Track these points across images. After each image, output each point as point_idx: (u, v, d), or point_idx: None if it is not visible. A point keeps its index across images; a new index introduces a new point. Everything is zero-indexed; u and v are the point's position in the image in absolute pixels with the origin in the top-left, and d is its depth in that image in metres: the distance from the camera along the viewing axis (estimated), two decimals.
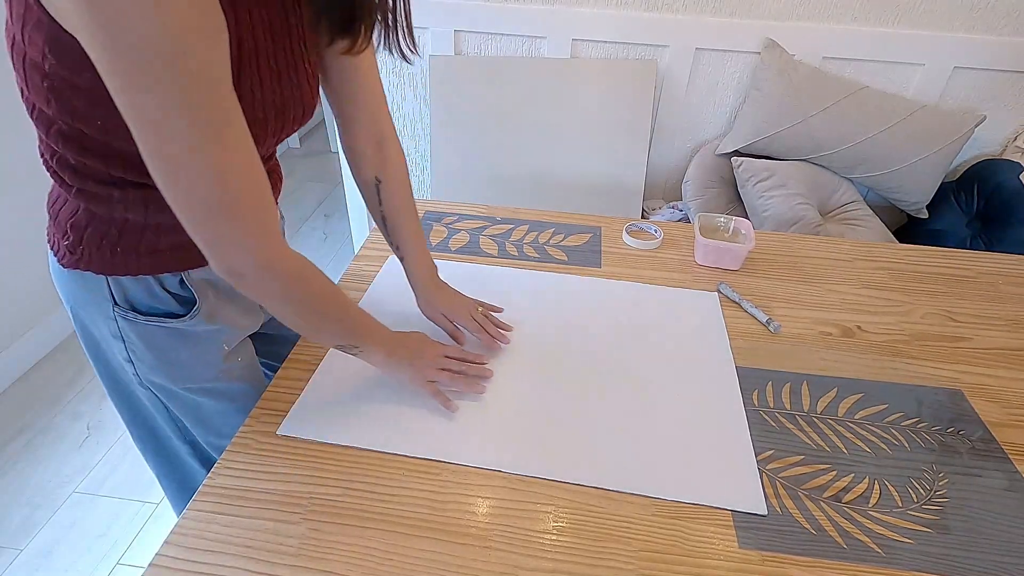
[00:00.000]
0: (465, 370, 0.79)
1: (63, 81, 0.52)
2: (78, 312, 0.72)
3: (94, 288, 0.67)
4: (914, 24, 1.59)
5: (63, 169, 0.61)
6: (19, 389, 1.84)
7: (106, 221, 0.63)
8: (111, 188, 0.61)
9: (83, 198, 0.62)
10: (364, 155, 0.81)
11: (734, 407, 0.79)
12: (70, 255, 0.65)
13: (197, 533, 0.63)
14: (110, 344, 0.72)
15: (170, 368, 0.74)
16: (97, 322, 0.71)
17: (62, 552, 1.40)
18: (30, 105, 0.57)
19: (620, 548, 0.62)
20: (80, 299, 0.70)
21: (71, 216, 0.64)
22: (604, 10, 1.66)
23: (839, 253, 1.16)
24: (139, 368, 0.73)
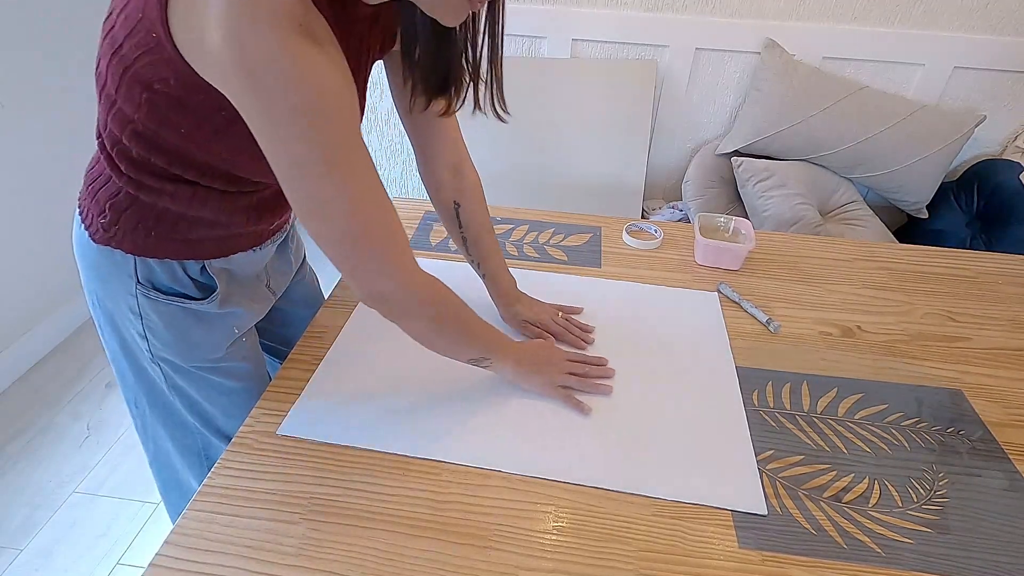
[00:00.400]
0: (589, 372, 0.81)
1: (169, 98, 0.56)
2: (97, 285, 0.75)
3: (120, 265, 0.71)
4: (914, 24, 1.59)
5: (122, 159, 0.64)
6: (19, 389, 1.84)
7: (146, 207, 0.67)
8: (164, 182, 0.65)
9: (132, 185, 0.65)
10: (442, 182, 0.86)
11: (734, 407, 0.79)
12: (104, 232, 0.69)
13: (197, 533, 0.62)
14: (126, 319, 0.75)
15: (182, 346, 0.77)
16: (117, 297, 0.74)
17: (62, 552, 1.40)
18: (111, 103, 0.60)
19: (620, 548, 0.62)
20: (104, 274, 0.73)
21: (112, 196, 0.67)
22: (604, 10, 1.66)
23: (839, 253, 1.16)
24: (152, 344, 0.76)
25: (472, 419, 0.76)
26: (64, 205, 1.91)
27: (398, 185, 2.08)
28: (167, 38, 0.51)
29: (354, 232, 0.57)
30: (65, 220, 2.10)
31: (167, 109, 0.57)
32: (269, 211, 0.76)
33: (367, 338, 0.89)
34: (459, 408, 0.78)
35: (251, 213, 0.73)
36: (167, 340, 0.76)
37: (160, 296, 0.72)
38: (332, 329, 0.91)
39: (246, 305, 0.81)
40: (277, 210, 0.78)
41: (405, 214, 1.23)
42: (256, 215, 0.74)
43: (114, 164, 0.64)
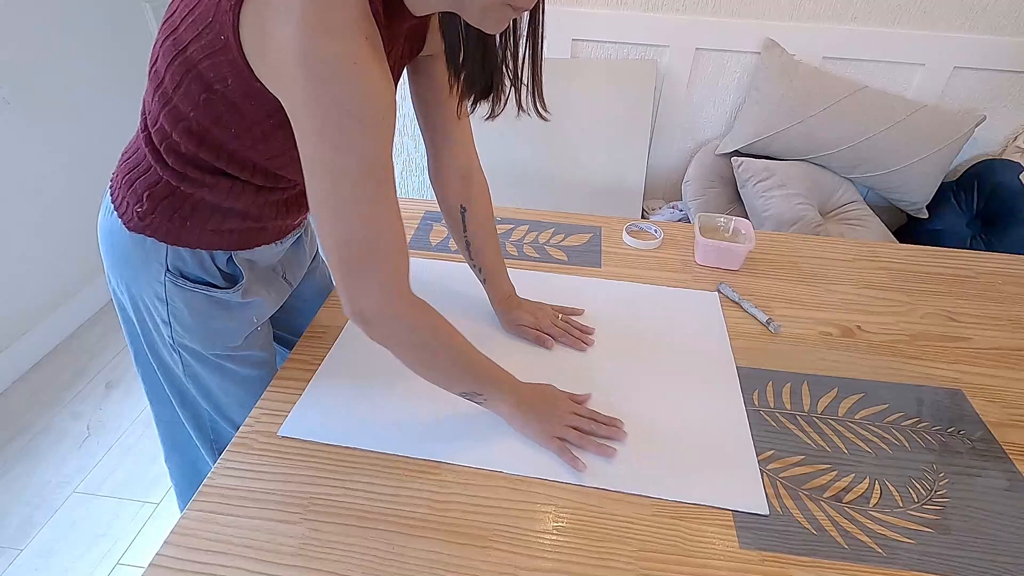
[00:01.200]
0: (595, 430, 0.74)
1: (225, 99, 0.59)
2: (125, 271, 0.76)
3: (152, 253, 0.72)
4: (914, 24, 1.59)
5: (168, 152, 0.66)
6: (19, 389, 1.83)
7: (184, 197, 0.69)
8: (206, 175, 0.67)
9: (175, 177, 0.68)
10: (451, 186, 0.86)
11: (735, 407, 0.79)
12: (139, 220, 0.71)
13: (197, 533, 0.62)
14: (151, 304, 0.77)
15: (204, 333, 0.79)
16: (143, 284, 0.75)
17: (62, 552, 1.40)
18: (165, 98, 0.62)
19: (620, 548, 0.62)
20: (132, 261, 0.74)
21: (151, 186, 0.69)
22: (604, 10, 1.66)
23: (839, 253, 1.16)
24: (175, 331, 0.78)
25: (473, 420, 0.76)
26: (65, 205, 1.92)
27: (398, 185, 2.08)
28: (235, 40, 0.53)
29: (362, 240, 0.58)
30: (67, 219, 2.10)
31: (223, 109, 0.60)
32: (296, 207, 0.79)
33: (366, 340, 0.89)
34: (460, 409, 0.77)
35: (281, 208, 0.76)
36: (190, 327, 0.77)
37: (188, 284, 0.74)
38: (332, 329, 0.91)
39: (265, 295, 0.83)
40: (304, 207, 0.80)
41: (405, 214, 1.22)
42: (285, 210, 0.77)
43: (160, 157, 0.67)
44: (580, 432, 0.73)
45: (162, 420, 0.93)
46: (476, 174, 0.88)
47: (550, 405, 0.76)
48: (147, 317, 0.79)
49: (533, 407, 0.74)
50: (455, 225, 0.89)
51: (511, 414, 0.74)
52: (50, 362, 1.93)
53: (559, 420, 0.74)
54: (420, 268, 1.06)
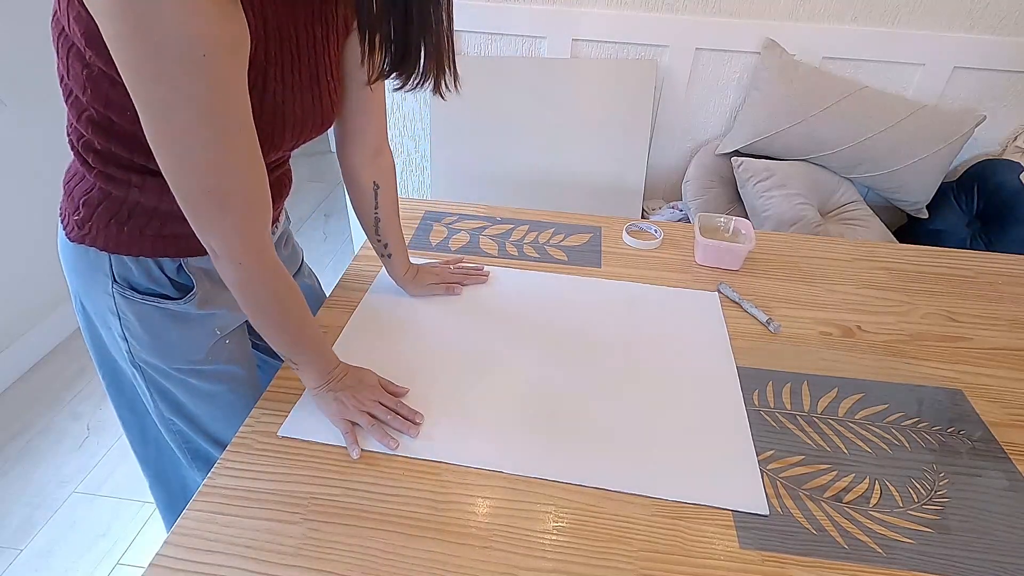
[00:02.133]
0: (390, 420, 0.74)
1: (100, 72, 0.56)
2: (78, 286, 0.75)
3: (96, 264, 0.70)
4: (914, 24, 1.59)
5: (87, 152, 0.64)
6: (19, 389, 1.83)
7: (119, 202, 0.67)
8: (131, 173, 0.65)
9: (102, 179, 0.65)
10: (363, 163, 0.85)
11: (735, 407, 0.79)
12: (78, 229, 0.68)
13: (197, 533, 0.62)
14: (106, 319, 0.75)
15: (161, 347, 0.77)
16: (96, 297, 0.73)
17: (62, 552, 1.40)
18: (67, 91, 0.61)
19: (620, 548, 0.62)
20: (81, 273, 0.72)
21: (85, 193, 0.67)
22: (604, 10, 1.66)
23: (839, 253, 1.16)
24: (132, 346, 0.76)
25: (473, 421, 0.76)
26: None
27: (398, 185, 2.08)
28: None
29: (205, 188, 0.56)
30: None
31: (107, 87, 0.57)
32: None
33: (368, 339, 0.89)
34: (459, 410, 0.78)
35: None
36: (145, 342, 0.75)
37: (136, 296, 0.72)
38: (332, 329, 0.91)
39: (231, 306, 0.78)
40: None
41: (405, 214, 1.23)
42: None
43: (82, 158, 0.65)
44: (373, 419, 0.73)
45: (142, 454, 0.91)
46: (385, 149, 0.87)
47: (354, 389, 0.76)
48: (104, 333, 0.77)
49: (338, 387, 0.75)
50: (366, 201, 0.88)
51: (316, 390, 0.75)
52: (50, 362, 1.93)
53: (357, 405, 0.74)
54: None
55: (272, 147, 0.65)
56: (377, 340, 0.89)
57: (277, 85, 0.62)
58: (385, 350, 0.87)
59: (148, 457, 0.92)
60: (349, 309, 0.95)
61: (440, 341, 0.89)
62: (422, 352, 0.87)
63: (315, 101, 0.68)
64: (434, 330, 0.91)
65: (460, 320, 0.93)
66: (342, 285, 1.01)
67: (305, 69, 0.65)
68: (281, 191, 0.81)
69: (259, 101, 0.60)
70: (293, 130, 0.66)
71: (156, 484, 0.95)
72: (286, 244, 0.94)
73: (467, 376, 0.83)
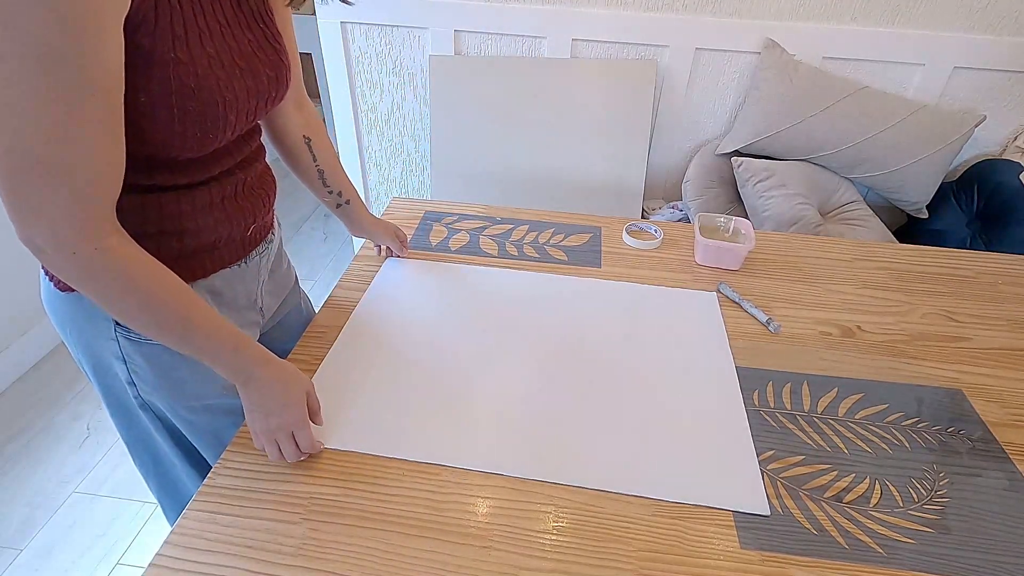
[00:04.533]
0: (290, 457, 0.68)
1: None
2: (77, 336, 0.70)
3: (93, 311, 0.66)
4: (914, 24, 1.59)
5: None
6: (19, 389, 1.83)
7: None
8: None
9: None
10: (289, 116, 0.84)
11: (734, 407, 0.79)
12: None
13: (197, 533, 0.62)
14: (112, 365, 0.71)
15: (172, 387, 0.72)
16: (98, 344, 0.70)
17: (62, 552, 1.40)
18: None
19: (620, 548, 0.62)
20: (79, 323, 0.68)
21: None
22: (604, 10, 1.66)
23: (839, 253, 1.16)
24: (141, 389, 0.72)
25: (472, 423, 0.76)
26: None
27: (398, 185, 2.08)
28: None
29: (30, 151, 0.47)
30: None
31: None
32: (238, 207, 0.70)
33: (365, 341, 0.89)
34: (458, 411, 0.77)
35: (217, 212, 0.67)
36: (154, 383, 0.71)
37: (142, 336, 0.67)
38: (332, 329, 0.91)
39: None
40: (250, 206, 0.72)
41: (406, 214, 1.23)
42: (224, 214, 0.68)
43: None
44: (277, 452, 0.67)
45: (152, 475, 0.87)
46: (306, 101, 0.85)
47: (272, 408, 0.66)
48: (112, 380, 0.73)
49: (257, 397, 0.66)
50: (302, 157, 0.87)
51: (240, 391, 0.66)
52: (50, 362, 1.93)
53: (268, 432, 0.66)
54: (419, 268, 1.06)
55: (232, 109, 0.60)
56: (375, 342, 0.89)
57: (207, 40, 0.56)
58: (383, 352, 0.87)
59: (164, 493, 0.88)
60: (349, 309, 0.95)
61: (438, 342, 0.89)
62: (420, 354, 0.87)
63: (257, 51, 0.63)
64: (432, 331, 0.91)
65: (458, 321, 0.93)
66: (342, 285, 1.01)
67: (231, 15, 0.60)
68: (267, 196, 0.76)
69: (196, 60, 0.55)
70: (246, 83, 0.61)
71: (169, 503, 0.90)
72: (281, 259, 0.89)
73: (465, 377, 0.83)
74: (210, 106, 0.58)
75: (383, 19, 1.73)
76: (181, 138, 0.58)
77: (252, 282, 0.79)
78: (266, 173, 0.77)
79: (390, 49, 1.79)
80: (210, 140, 0.61)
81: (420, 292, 1.00)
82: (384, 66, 1.82)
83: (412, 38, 1.76)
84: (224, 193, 0.68)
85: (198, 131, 0.58)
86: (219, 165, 0.66)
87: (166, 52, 0.53)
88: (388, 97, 1.89)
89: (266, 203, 0.76)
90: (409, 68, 1.82)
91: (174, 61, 0.54)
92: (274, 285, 0.87)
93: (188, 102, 0.55)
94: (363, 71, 1.85)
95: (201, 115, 0.57)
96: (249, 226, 0.73)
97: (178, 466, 0.83)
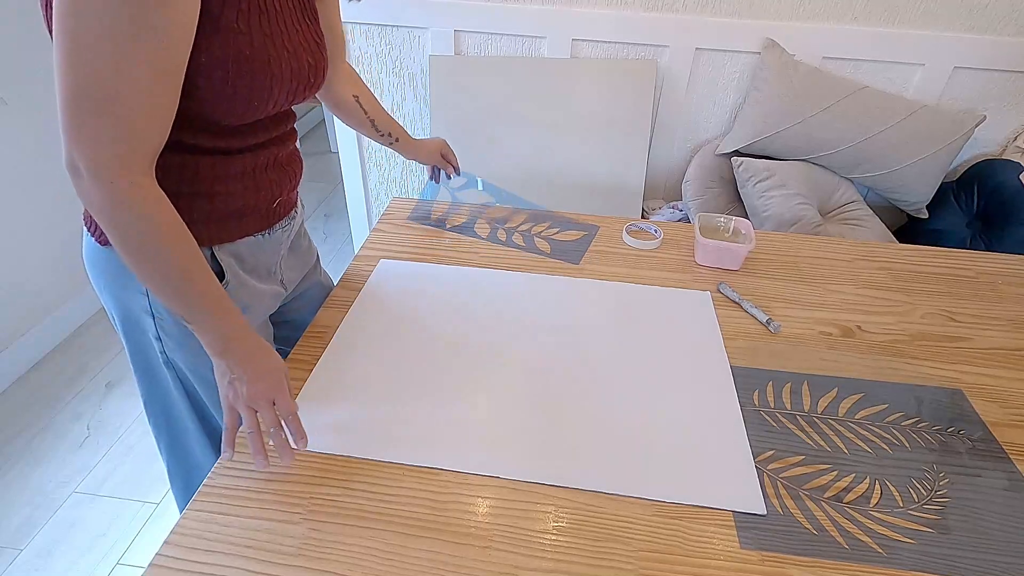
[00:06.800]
0: (272, 434, 0.67)
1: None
2: (111, 289, 0.75)
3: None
4: (914, 24, 1.59)
5: None
6: (19, 389, 1.83)
7: None
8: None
9: None
10: (340, 83, 0.96)
11: (729, 406, 0.79)
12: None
13: (197, 533, 0.62)
14: (141, 320, 0.75)
15: (195, 346, 0.73)
16: (129, 298, 0.74)
17: (62, 552, 1.40)
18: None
19: (620, 548, 0.62)
20: (114, 277, 0.73)
21: None
22: (604, 10, 1.66)
23: (839, 253, 1.16)
24: (167, 344, 0.76)
25: (470, 425, 0.76)
26: (65, 204, 1.92)
27: (398, 185, 2.08)
28: None
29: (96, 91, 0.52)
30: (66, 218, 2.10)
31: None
32: (268, 179, 0.75)
33: (360, 342, 0.89)
34: (456, 414, 0.77)
35: (247, 181, 0.72)
36: (180, 340, 0.76)
37: None
38: (332, 329, 0.91)
39: (258, 299, 0.81)
40: (278, 180, 0.77)
41: (406, 214, 1.23)
42: (253, 183, 0.73)
43: None
44: (255, 423, 0.67)
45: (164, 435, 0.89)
46: (349, 67, 0.98)
47: (251, 378, 0.67)
48: (140, 335, 0.77)
49: (236, 367, 0.67)
50: (356, 113, 1.00)
51: (215, 358, 0.68)
52: (50, 362, 1.93)
53: (246, 398, 0.66)
54: (413, 269, 1.06)
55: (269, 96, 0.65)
56: (370, 343, 0.88)
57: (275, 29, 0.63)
58: (378, 353, 0.86)
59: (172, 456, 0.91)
60: (349, 309, 0.95)
61: (433, 344, 0.89)
62: (415, 356, 0.86)
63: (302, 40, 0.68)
64: (427, 333, 0.91)
65: (453, 323, 0.93)
66: (342, 285, 1.01)
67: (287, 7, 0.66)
68: (294, 174, 0.81)
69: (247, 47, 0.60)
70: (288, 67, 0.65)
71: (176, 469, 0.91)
72: (302, 237, 0.94)
73: (461, 380, 0.82)
74: (259, 77, 0.63)
75: (383, 19, 1.74)
76: (230, 102, 0.62)
77: (274, 253, 0.83)
78: (295, 154, 0.82)
79: (390, 49, 1.79)
80: (254, 109, 0.65)
81: (414, 293, 1.00)
82: (384, 66, 1.83)
83: (412, 38, 1.76)
84: (256, 164, 0.73)
85: (245, 98, 0.63)
86: (255, 137, 0.71)
87: (231, 21, 0.58)
88: (388, 97, 1.89)
89: (292, 180, 0.81)
90: (409, 68, 1.82)
91: (236, 31, 0.59)
92: (296, 260, 0.92)
93: (242, 67, 0.60)
94: (363, 71, 1.85)
95: (250, 84, 0.62)
96: (275, 199, 0.78)
97: (191, 431, 0.86)
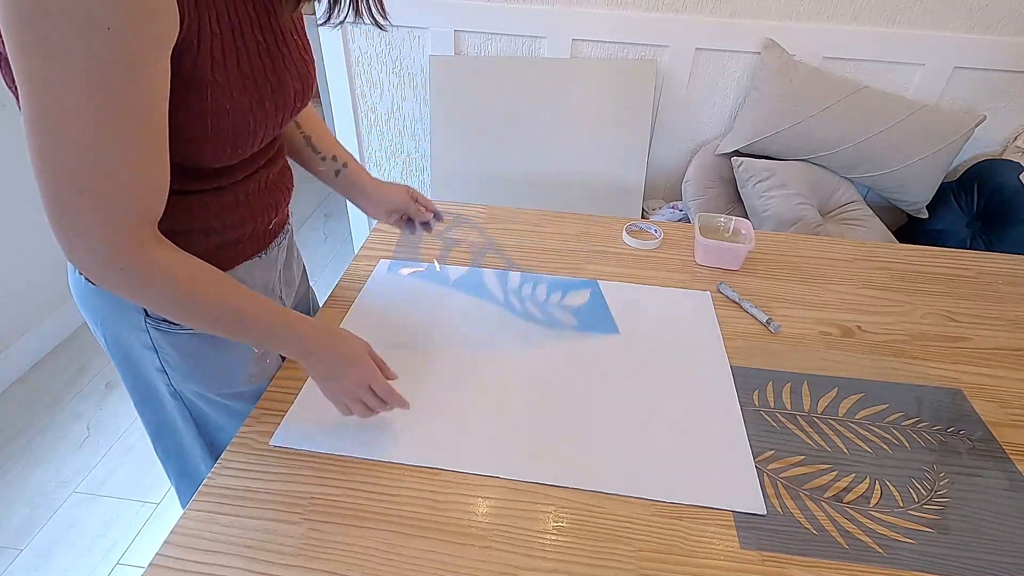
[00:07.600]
0: (378, 409, 0.70)
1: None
2: (107, 326, 0.72)
3: (121, 302, 0.68)
4: (914, 24, 1.59)
5: None
6: (19, 389, 1.83)
7: None
8: None
9: None
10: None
11: (730, 406, 0.79)
12: None
13: (197, 533, 0.62)
14: (142, 355, 0.73)
15: (204, 375, 0.74)
16: (128, 335, 0.71)
17: (62, 552, 1.40)
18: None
19: (620, 548, 0.62)
20: (109, 314, 0.70)
21: None
22: (604, 10, 1.66)
23: (839, 253, 1.16)
24: (172, 377, 0.74)
25: (470, 425, 0.76)
26: None
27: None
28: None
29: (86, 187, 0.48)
30: None
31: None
32: (261, 203, 0.72)
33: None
34: (454, 415, 0.77)
35: (242, 210, 0.69)
36: (186, 372, 0.74)
37: (172, 326, 0.69)
38: None
39: None
40: (272, 201, 0.74)
41: None
42: (249, 211, 0.70)
43: None
44: (365, 408, 0.69)
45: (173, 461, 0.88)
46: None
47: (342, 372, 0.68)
48: (143, 369, 0.75)
49: (322, 369, 0.67)
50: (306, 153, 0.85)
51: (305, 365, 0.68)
52: (50, 362, 1.93)
53: (345, 394, 0.68)
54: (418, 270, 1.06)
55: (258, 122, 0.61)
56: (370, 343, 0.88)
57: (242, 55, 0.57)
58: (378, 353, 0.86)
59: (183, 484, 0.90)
60: (349, 309, 0.95)
61: (432, 344, 0.88)
62: (415, 356, 0.86)
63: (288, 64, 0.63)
64: (426, 333, 0.91)
65: (453, 323, 0.93)
66: (342, 285, 1.01)
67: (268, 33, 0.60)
68: (286, 190, 0.77)
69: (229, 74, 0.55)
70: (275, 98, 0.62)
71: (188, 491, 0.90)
72: (291, 252, 0.89)
73: (460, 380, 0.82)
74: (241, 125, 0.59)
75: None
76: (213, 152, 0.59)
77: (271, 272, 0.80)
78: (285, 169, 0.78)
79: (390, 49, 1.80)
80: (239, 154, 0.62)
81: (415, 293, 0.99)
82: (384, 66, 1.83)
83: (412, 38, 1.76)
84: (248, 191, 0.69)
85: (228, 147, 0.60)
86: (243, 170, 0.67)
87: (205, 75, 0.54)
88: (388, 97, 1.89)
89: (286, 197, 0.78)
90: (409, 68, 1.82)
91: (212, 83, 0.54)
92: (289, 275, 0.89)
93: (222, 121, 0.57)
94: (363, 71, 1.85)
95: (233, 133, 0.59)
96: (271, 219, 0.75)
97: (199, 455, 0.85)
